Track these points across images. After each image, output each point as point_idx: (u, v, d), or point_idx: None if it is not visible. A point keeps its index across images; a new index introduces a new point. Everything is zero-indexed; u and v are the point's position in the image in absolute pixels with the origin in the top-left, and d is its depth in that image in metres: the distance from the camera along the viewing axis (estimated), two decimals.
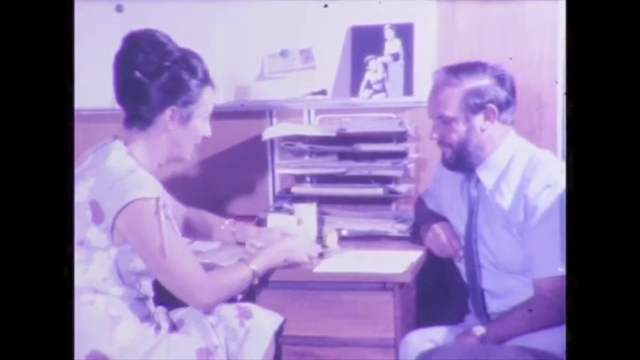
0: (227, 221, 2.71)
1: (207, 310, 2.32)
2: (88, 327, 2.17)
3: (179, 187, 3.14)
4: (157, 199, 2.20)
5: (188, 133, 2.33)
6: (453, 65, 2.46)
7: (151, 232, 2.19)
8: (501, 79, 2.41)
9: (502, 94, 2.40)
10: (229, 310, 2.37)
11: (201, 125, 2.36)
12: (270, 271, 2.46)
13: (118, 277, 2.25)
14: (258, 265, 2.37)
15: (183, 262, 2.24)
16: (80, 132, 2.14)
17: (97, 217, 2.20)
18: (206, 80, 2.33)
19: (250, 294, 2.46)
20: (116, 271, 2.24)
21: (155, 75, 2.25)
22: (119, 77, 2.29)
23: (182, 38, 2.36)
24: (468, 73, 2.40)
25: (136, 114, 2.29)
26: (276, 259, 2.44)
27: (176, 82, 2.27)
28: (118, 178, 2.20)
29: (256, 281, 2.36)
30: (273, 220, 2.78)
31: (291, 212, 2.83)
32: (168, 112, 2.28)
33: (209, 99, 2.35)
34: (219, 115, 2.49)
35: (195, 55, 2.33)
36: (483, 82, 2.39)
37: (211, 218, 2.71)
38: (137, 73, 2.24)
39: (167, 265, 2.21)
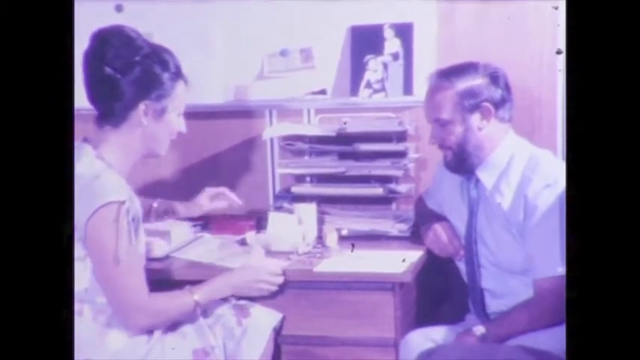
0: (155, 203, 2.68)
1: (139, 333, 2.24)
2: (80, 337, 2.13)
3: (179, 186, 3.16)
4: (120, 203, 2.16)
5: (163, 128, 2.30)
6: (444, 68, 2.46)
7: (108, 238, 2.15)
8: (494, 77, 2.41)
9: (496, 92, 2.40)
10: (226, 309, 2.37)
11: (176, 120, 2.32)
12: None
13: (98, 285, 2.21)
14: (202, 296, 2.31)
15: (131, 276, 2.20)
16: (80, 131, 2.13)
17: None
18: (178, 74, 2.29)
19: None
20: (95, 280, 2.21)
21: (126, 70, 2.21)
22: (89, 75, 2.24)
23: (181, 38, 2.36)
24: (460, 74, 2.40)
25: (109, 111, 2.25)
26: (223, 293, 2.37)
27: (148, 76, 2.23)
28: (84, 186, 2.15)
29: (199, 312, 2.30)
30: (274, 218, 2.77)
31: (291, 212, 2.83)
32: (141, 106, 2.24)
33: (182, 93, 2.31)
34: (219, 114, 2.49)
35: (167, 50, 2.30)
36: (476, 81, 2.40)
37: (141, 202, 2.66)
38: (108, 69, 2.20)
39: (115, 275, 2.17)
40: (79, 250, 2.17)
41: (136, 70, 2.22)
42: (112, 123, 2.26)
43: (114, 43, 2.21)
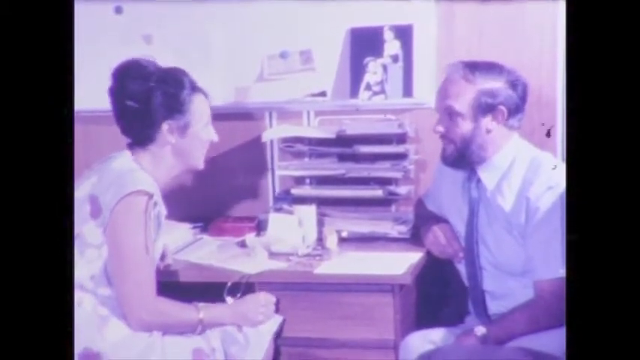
0: None
1: (138, 328, 2.26)
2: (78, 326, 2.12)
3: (180, 188, 3.15)
4: (150, 195, 2.26)
5: (192, 142, 2.40)
6: (470, 61, 2.44)
7: (135, 227, 2.24)
8: (515, 84, 2.40)
9: (513, 98, 2.39)
10: None
11: (204, 131, 2.42)
12: (270, 273, 2.48)
13: (105, 277, 2.27)
14: (208, 315, 2.33)
15: (145, 270, 2.26)
16: (80, 133, 2.14)
17: (95, 211, 2.26)
18: (195, 89, 2.40)
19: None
20: (104, 271, 2.27)
21: (145, 97, 2.33)
22: (116, 109, 2.38)
23: (181, 40, 2.36)
24: (485, 72, 2.39)
25: (138, 136, 2.38)
26: (226, 320, 2.36)
27: (166, 98, 2.34)
28: (118, 175, 2.28)
29: (199, 329, 2.31)
30: (274, 220, 2.77)
31: (291, 213, 2.82)
32: (165, 126, 2.35)
33: (203, 106, 2.42)
34: (219, 116, 2.50)
35: (180, 70, 2.41)
36: (497, 83, 2.39)
37: None
38: (128, 102, 2.33)
39: (132, 265, 2.24)
40: (97, 237, 2.26)
41: (153, 95, 2.33)
42: (140, 145, 2.38)
43: (130, 74, 2.34)
